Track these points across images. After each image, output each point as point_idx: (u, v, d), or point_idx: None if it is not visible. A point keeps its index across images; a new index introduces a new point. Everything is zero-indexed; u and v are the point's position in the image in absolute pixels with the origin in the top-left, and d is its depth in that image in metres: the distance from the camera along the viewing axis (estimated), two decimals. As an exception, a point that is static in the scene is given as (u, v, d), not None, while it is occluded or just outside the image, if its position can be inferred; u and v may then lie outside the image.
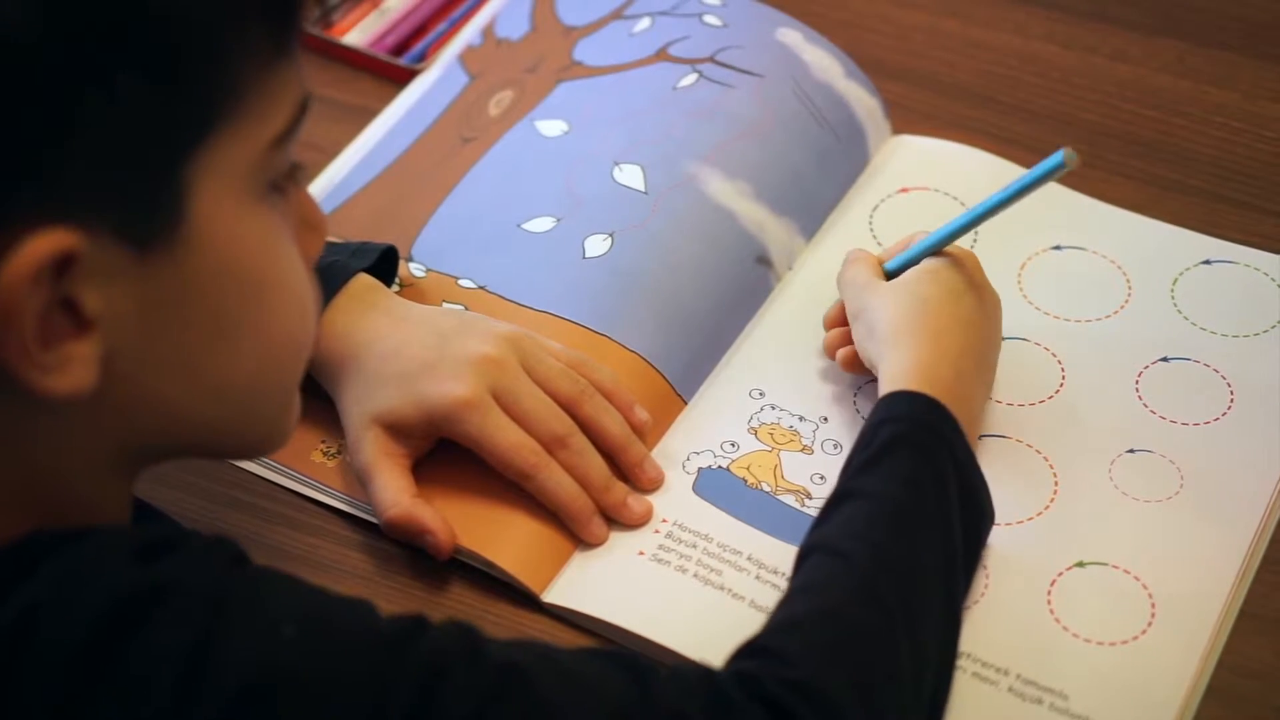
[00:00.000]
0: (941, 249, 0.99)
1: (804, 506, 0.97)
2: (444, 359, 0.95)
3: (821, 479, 0.99)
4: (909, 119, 1.19)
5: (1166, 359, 1.04)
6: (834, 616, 0.82)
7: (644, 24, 1.20)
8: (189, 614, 0.67)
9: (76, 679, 0.66)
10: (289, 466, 0.99)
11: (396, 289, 1.04)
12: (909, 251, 1.00)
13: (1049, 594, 0.93)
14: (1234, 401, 1.02)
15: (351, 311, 0.97)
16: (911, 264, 1.00)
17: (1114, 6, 1.26)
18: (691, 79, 1.16)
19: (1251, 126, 1.18)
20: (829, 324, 1.04)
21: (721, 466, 1.00)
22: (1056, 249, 1.10)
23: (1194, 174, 1.15)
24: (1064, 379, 1.03)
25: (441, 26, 1.26)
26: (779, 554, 0.94)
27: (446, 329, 0.97)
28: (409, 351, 0.96)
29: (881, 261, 1.01)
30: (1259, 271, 1.09)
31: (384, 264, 1.02)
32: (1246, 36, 1.24)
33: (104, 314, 0.66)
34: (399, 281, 1.05)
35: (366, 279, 0.99)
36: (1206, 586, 0.93)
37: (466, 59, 1.22)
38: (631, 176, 1.10)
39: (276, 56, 0.69)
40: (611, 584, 0.94)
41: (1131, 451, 1.00)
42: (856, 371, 1.02)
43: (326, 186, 1.14)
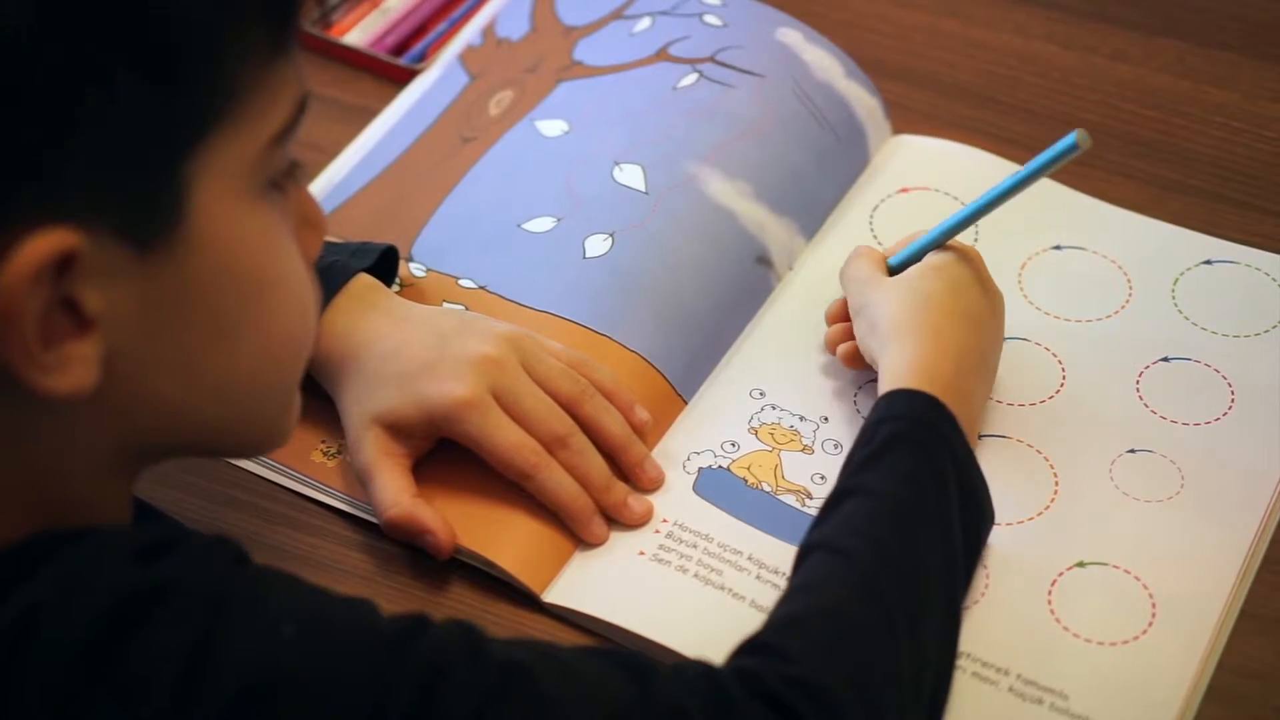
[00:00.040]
0: (946, 242, 0.99)
1: (804, 506, 0.97)
2: (444, 359, 0.95)
3: (822, 479, 0.99)
4: (909, 119, 1.19)
5: (1167, 359, 1.04)
6: (834, 614, 0.82)
7: (644, 24, 1.20)
8: (189, 614, 0.67)
9: (77, 679, 0.66)
10: (289, 466, 0.99)
11: (397, 289, 1.04)
12: (912, 246, 1.00)
13: (1049, 594, 0.93)
14: (1234, 401, 1.02)
15: (352, 311, 0.97)
16: (915, 258, 0.99)
17: (1114, 6, 1.26)
18: (692, 79, 1.16)
19: (1251, 126, 1.18)
20: (831, 319, 1.04)
21: (722, 466, 1.00)
22: (1057, 249, 1.10)
23: (1194, 174, 1.15)
24: (1064, 379, 1.03)
25: (441, 26, 1.26)
26: (779, 554, 0.94)
27: (446, 329, 0.97)
28: (409, 351, 0.96)
29: (885, 257, 1.01)
30: (1260, 271, 1.09)
31: (384, 264, 1.02)
32: (1246, 36, 1.24)
33: (105, 314, 0.66)
34: (399, 281, 1.05)
35: (367, 279, 0.99)
36: (1207, 586, 0.93)
37: (467, 59, 1.22)
38: (632, 176, 1.10)
39: (275, 55, 0.69)
40: (612, 584, 0.94)
41: (1132, 451, 1.00)
42: (856, 367, 1.02)
43: (326, 186, 1.14)
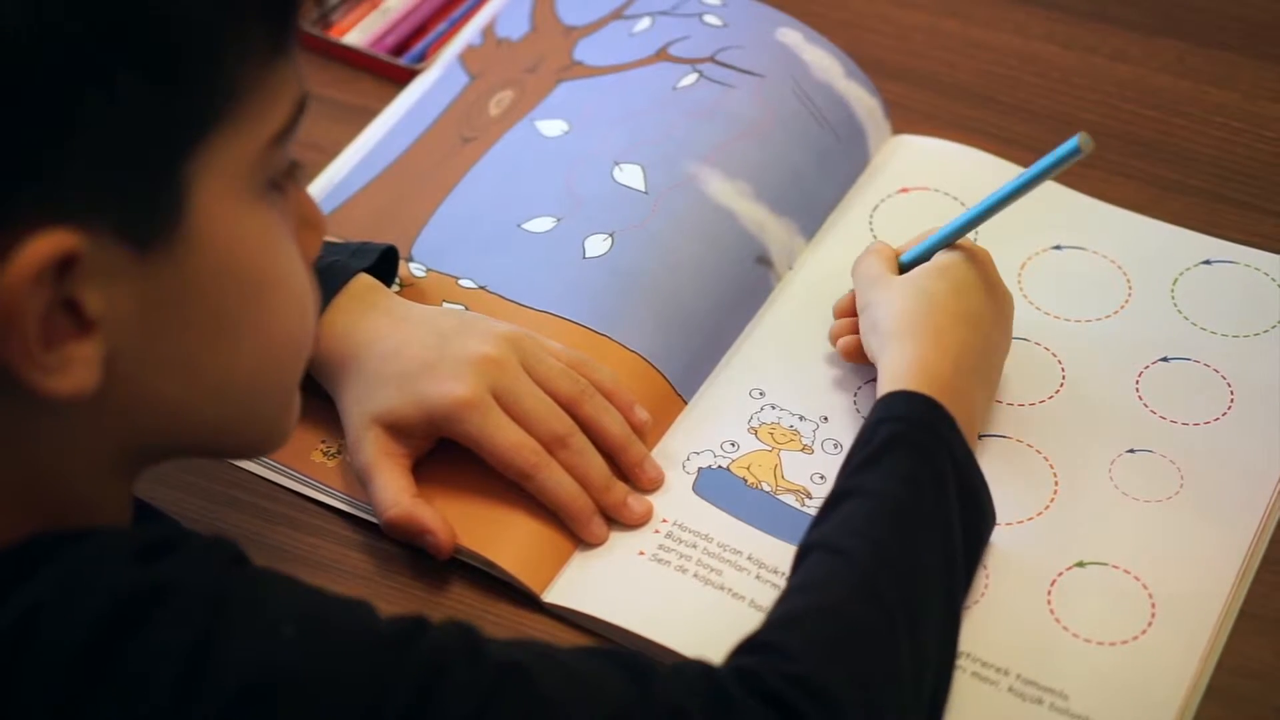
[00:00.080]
0: (955, 241, 0.99)
1: (804, 506, 0.97)
2: (444, 359, 0.95)
3: (822, 479, 0.99)
4: (909, 119, 1.19)
5: (1167, 359, 1.04)
6: (834, 613, 0.82)
7: (644, 24, 1.20)
8: (189, 614, 0.67)
9: (77, 679, 0.66)
10: (289, 466, 0.99)
11: (397, 289, 1.04)
12: (923, 244, 1.00)
13: (1049, 594, 0.93)
14: (1234, 401, 1.02)
15: (351, 311, 0.97)
16: (925, 257, 1.00)
17: (1114, 6, 1.26)
18: (692, 79, 1.16)
19: (1251, 126, 1.18)
20: (838, 313, 1.04)
21: (722, 466, 1.00)
22: (1057, 249, 1.10)
23: (1194, 174, 1.15)
24: (1064, 379, 1.03)
25: (441, 26, 1.26)
26: (779, 554, 0.94)
27: (446, 329, 0.97)
28: (409, 351, 0.96)
29: (898, 254, 1.01)
30: (1259, 271, 1.09)
31: (384, 264, 1.02)
32: (1246, 36, 1.24)
33: (105, 314, 0.66)
34: (399, 281, 1.05)
35: (367, 279, 0.99)
36: (1206, 586, 0.93)
37: (467, 59, 1.22)
38: (632, 176, 1.10)
39: (275, 55, 0.69)
40: (612, 584, 0.94)
41: (1131, 451, 1.00)
42: (855, 361, 1.02)
43: (326, 186, 1.14)
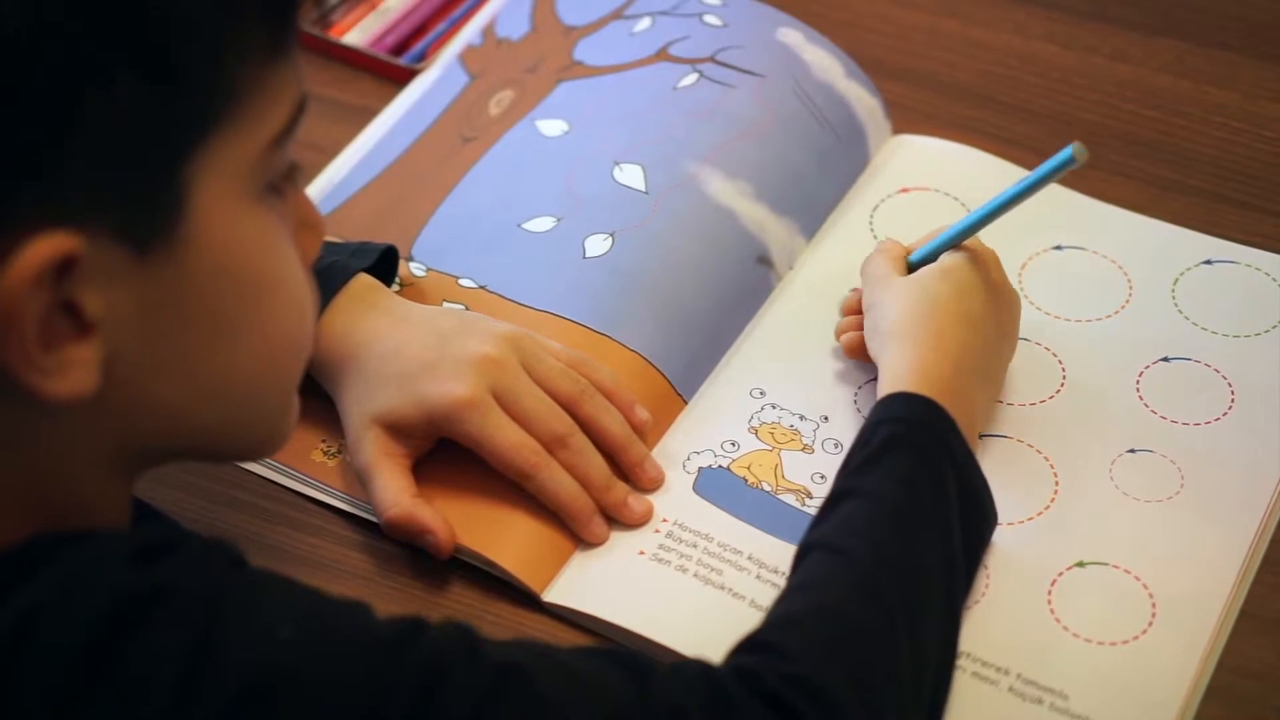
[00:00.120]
0: (962, 242, 0.99)
1: (804, 506, 0.97)
2: (444, 359, 0.95)
3: (822, 478, 0.99)
4: (909, 119, 1.19)
5: (1167, 359, 1.04)
6: (833, 613, 0.82)
7: (644, 24, 1.20)
8: (189, 615, 0.67)
9: (77, 680, 0.66)
10: (289, 466, 0.99)
11: (397, 289, 1.04)
12: (929, 245, 1.00)
13: (1049, 594, 0.93)
14: (1234, 401, 1.02)
15: (351, 311, 0.97)
16: (932, 258, 1.00)
17: (1114, 6, 1.26)
18: (692, 79, 1.16)
19: (1251, 126, 1.18)
20: (845, 311, 1.05)
21: (722, 466, 1.00)
22: (1057, 249, 1.10)
23: (1194, 174, 1.15)
24: (1064, 379, 1.03)
25: (441, 26, 1.26)
26: (779, 553, 0.94)
27: (446, 329, 0.97)
28: (409, 351, 0.96)
29: (908, 253, 1.01)
30: (1260, 271, 1.09)
31: (384, 264, 1.02)
32: (1246, 36, 1.24)
33: (105, 316, 0.66)
34: (399, 281, 1.05)
35: (366, 279, 0.99)
36: (1206, 586, 0.93)
37: (467, 59, 1.21)
38: (632, 176, 1.10)
39: (275, 56, 0.69)
40: (612, 583, 0.94)
41: (1132, 451, 1.00)
42: (857, 357, 1.02)
43: (326, 186, 1.14)
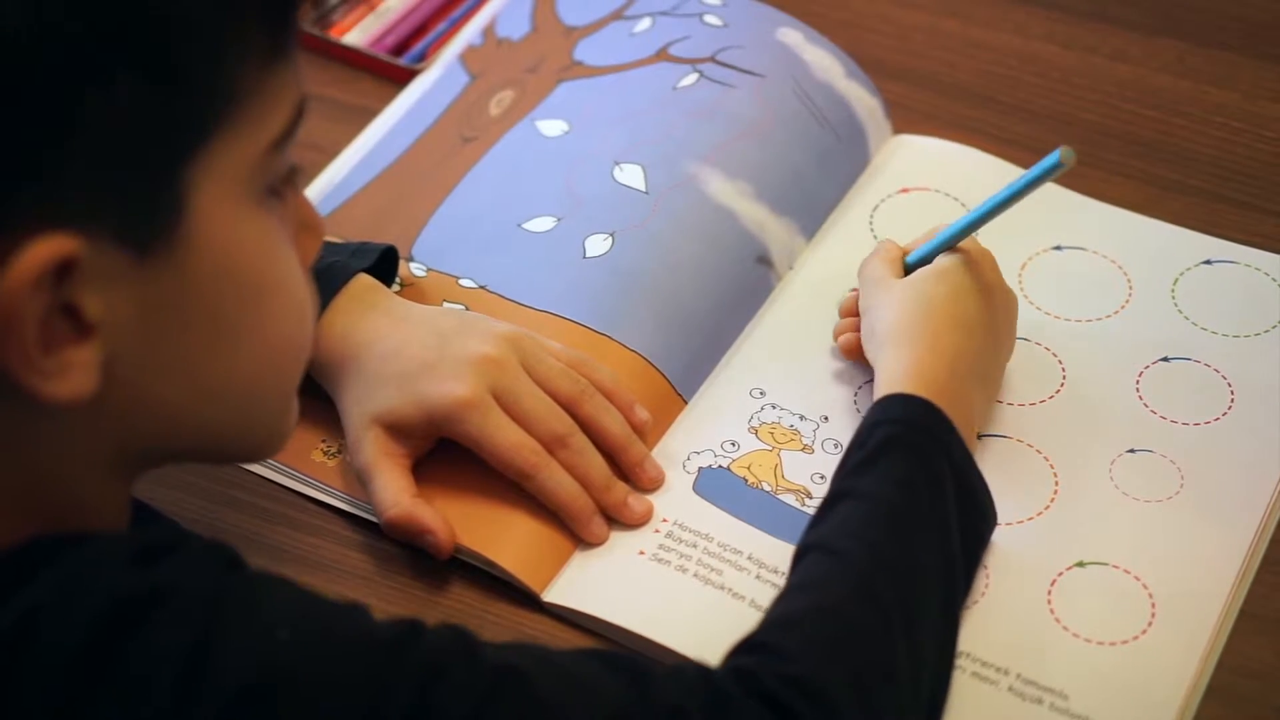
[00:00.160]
0: (957, 244, 0.99)
1: (804, 506, 0.97)
2: (444, 359, 0.95)
3: (822, 478, 0.99)
4: (909, 119, 1.19)
5: (1167, 359, 1.04)
6: (831, 614, 0.82)
7: (644, 24, 1.20)
8: (188, 615, 0.67)
9: (76, 681, 0.66)
10: (289, 466, 0.99)
11: (397, 289, 1.04)
12: (925, 246, 1.00)
13: (1049, 594, 0.93)
14: (1234, 401, 1.02)
15: (351, 312, 0.97)
16: (928, 260, 1.00)
17: (1114, 6, 1.26)
18: (692, 79, 1.16)
19: (1251, 126, 1.18)
20: (843, 313, 1.05)
21: (722, 466, 1.00)
22: (1057, 249, 1.10)
23: (1194, 174, 1.15)
24: (1064, 379, 1.03)
25: (441, 26, 1.26)
26: (779, 553, 0.94)
27: (446, 329, 0.97)
28: (409, 351, 0.96)
29: (905, 254, 1.01)
30: (1260, 271, 1.09)
31: (384, 264, 1.02)
32: (1246, 36, 1.24)
33: (104, 319, 0.66)
34: (399, 281, 1.05)
35: (366, 279, 0.99)
36: (1206, 586, 0.93)
37: (467, 59, 1.22)
38: (632, 176, 1.10)
39: (275, 58, 0.69)
40: (612, 583, 0.94)
41: (1132, 451, 1.00)
42: (855, 358, 1.02)
43: (326, 187, 1.14)
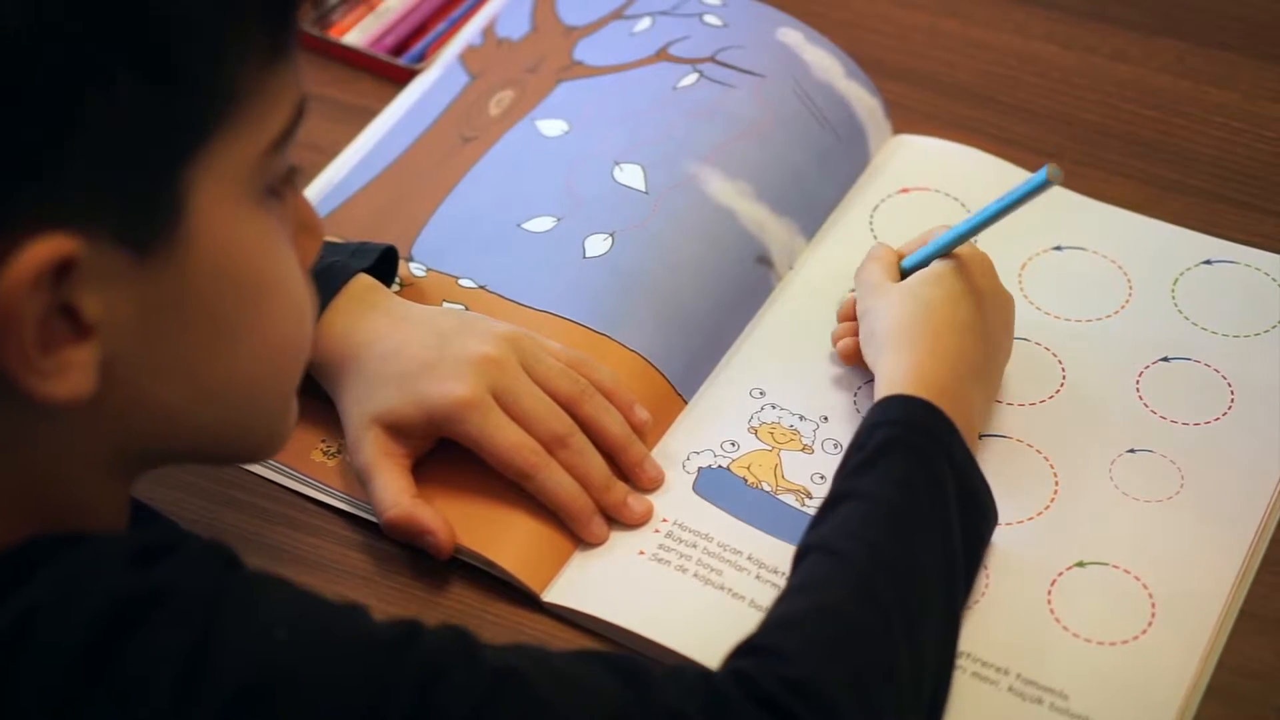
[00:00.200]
0: (953, 249, 0.99)
1: (804, 506, 0.97)
2: (444, 359, 0.95)
3: (822, 478, 0.99)
4: (909, 119, 1.19)
5: (1167, 359, 1.04)
6: (831, 615, 0.82)
7: (644, 24, 1.20)
8: (187, 616, 0.67)
9: (75, 681, 0.66)
10: (289, 466, 0.99)
11: (397, 289, 1.04)
12: (922, 251, 1.00)
13: (1049, 594, 0.93)
14: (1234, 401, 1.02)
15: (351, 312, 0.97)
16: (924, 264, 1.00)
17: (1114, 6, 1.26)
18: (692, 79, 1.16)
19: (1251, 126, 1.18)
20: (841, 317, 1.05)
21: (722, 466, 1.00)
22: (1057, 249, 1.10)
23: (1194, 174, 1.15)
24: (1064, 379, 1.03)
25: (441, 26, 1.26)
26: (779, 553, 0.94)
27: (446, 329, 0.97)
28: (409, 351, 0.96)
29: (901, 257, 1.01)
30: (1260, 271, 1.09)
31: (384, 264, 1.02)
32: (1246, 36, 1.24)
33: (103, 319, 0.66)
34: (399, 281, 1.05)
35: (366, 279, 0.99)
36: (1206, 586, 0.93)
37: (467, 59, 1.21)
38: (632, 176, 1.10)
39: (275, 58, 0.69)
40: (612, 583, 0.94)
41: (1132, 451, 1.00)
42: (854, 364, 1.02)
43: (326, 187, 1.14)
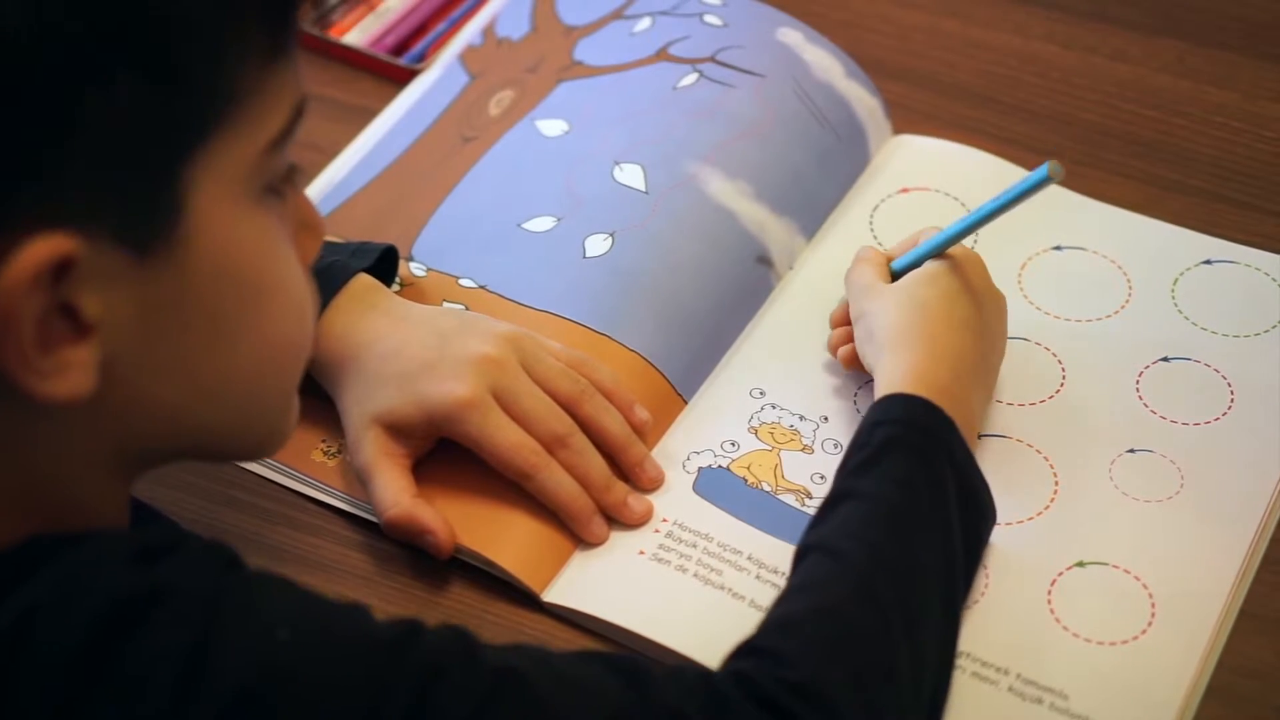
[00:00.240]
0: (943, 251, 0.99)
1: (804, 506, 0.97)
2: (444, 359, 0.95)
3: (822, 478, 0.99)
4: (909, 119, 1.19)
5: (1167, 359, 1.04)
6: (831, 615, 0.82)
7: (644, 24, 1.20)
8: (187, 616, 0.67)
9: (75, 680, 0.66)
10: (289, 466, 0.99)
11: (397, 289, 1.04)
12: (913, 253, 1.00)
13: (1049, 594, 0.93)
14: (1234, 401, 1.02)
15: (351, 312, 0.97)
16: (916, 265, 1.00)
17: (1114, 6, 1.26)
18: (692, 79, 1.16)
19: (1251, 126, 1.18)
20: (834, 323, 1.04)
21: (722, 466, 1.00)
22: (1057, 249, 1.10)
23: (1194, 174, 1.15)
24: (1064, 379, 1.03)
25: (441, 26, 1.26)
26: (779, 553, 0.94)
27: (446, 329, 0.97)
28: (409, 351, 0.96)
29: (890, 259, 1.01)
30: (1260, 271, 1.09)
31: (384, 264, 1.02)
32: (1246, 36, 1.24)
33: (103, 318, 0.66)
34: (399, 281, 1.05)
35: (366, 279, 0.99)
36: (1206, 586, 0.93)
37: (467, 59, 1.22)
38: (632, 176, 1.10)
39: (274, 58, 0.69)
40: (612, 583, 0.94)
41: (1132, 451, 1.00)
42: (856, 369, 1.02)
43: (326, 186, 1.14)
